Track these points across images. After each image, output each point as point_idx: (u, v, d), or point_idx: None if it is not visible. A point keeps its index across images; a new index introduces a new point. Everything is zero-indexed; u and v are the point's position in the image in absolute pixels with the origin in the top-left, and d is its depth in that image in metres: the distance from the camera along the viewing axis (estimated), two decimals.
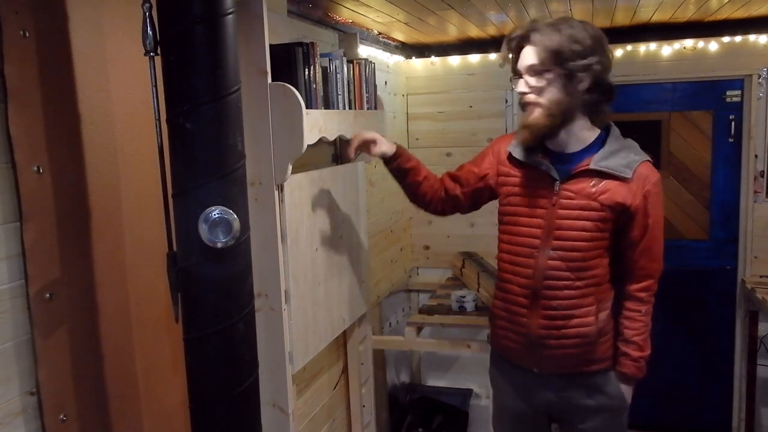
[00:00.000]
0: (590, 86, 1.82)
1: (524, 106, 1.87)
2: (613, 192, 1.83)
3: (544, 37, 1.79)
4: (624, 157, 1.85)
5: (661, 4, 2.72)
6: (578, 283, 1.87)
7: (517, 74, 1.87)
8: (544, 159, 1.92)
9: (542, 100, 1.82)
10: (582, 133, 1.89)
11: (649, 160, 1.89)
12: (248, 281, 1.45)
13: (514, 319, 1.97)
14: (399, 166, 2.09)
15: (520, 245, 1.94)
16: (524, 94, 1.85)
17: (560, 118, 1.84)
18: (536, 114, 1.83)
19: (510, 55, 1.89)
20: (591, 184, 1.85)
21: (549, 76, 1.80)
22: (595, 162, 1.85)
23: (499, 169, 2.04)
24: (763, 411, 3.58)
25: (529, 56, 1.82)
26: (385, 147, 2.08)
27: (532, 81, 1.82)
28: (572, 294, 1.88)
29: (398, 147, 2.11)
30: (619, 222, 1.86)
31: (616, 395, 1.95)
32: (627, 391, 1.96)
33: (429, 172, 2.14)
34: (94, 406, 1.54)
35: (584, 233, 1.85)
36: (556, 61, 1.79)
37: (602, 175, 1.84)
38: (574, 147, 1.89)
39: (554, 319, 1.89)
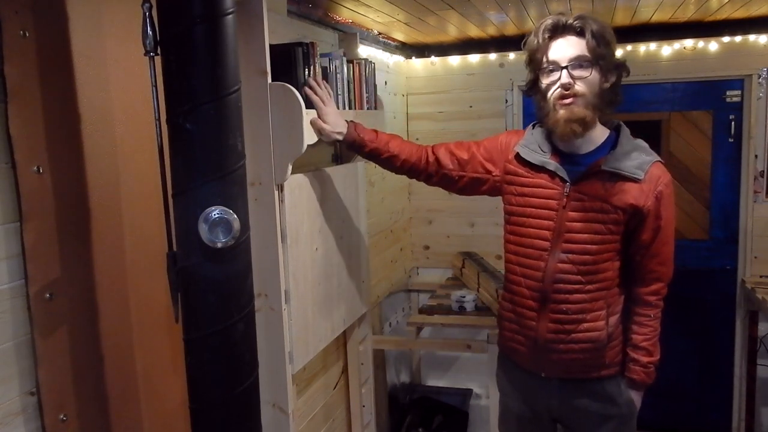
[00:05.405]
0: (611, 86, 1.80)
1: (566, 97, 1.76)
2: (626, 193, 1.79)
3: (596, 27, 1.74)
4: (635, 158, 1.81)
5: (661, 4, 2.72)
6: (589, 287, 1.83)
7: (551, 66, 1.78)
8: (553, 160, 1.86)
9: (587, 92, 1.75)
10: (594, 133, 1.84)
11: (660, 161, 1.85)
12: (248, 281, 1.45)
13: (523, 322, 1.92)
14: (355, 151, 2.09)
15: (529, 247, 1.89)
16: (570, 85, 1.75)
17: (597, 113, 1.79)
18: (581, 106, 1.76)
19: (539, 46, 1.80)
20: (603, 185, 1.80)
21: (593, 68, 1.75)
22: (606, 163, 1.80)
23: (507, 167, 1.97)
24: (763, 411, 3.58)
25: (575, 46, 1.75)
26: (333, 135, 1.99)
27: (576, 72, 1.75)
28: (583, 298, 1.83)
29: (349, 134, 2.00)
30: (631, 224, 1.82)
31: (625, 403, 1.90)
32: (636, 397, 1.92)
33: (400, 148, 2.04)
34: (94, 406, 1.54)
35: (595, 236, 1.81)
36: (603, 54, 1.75)
37: (614, 176, 1.80)
38: (586, 147, 1.84)
39: (564, 323, 1.85)
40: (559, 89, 1.76)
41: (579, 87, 1.75)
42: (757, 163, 3.38)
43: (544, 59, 1.79)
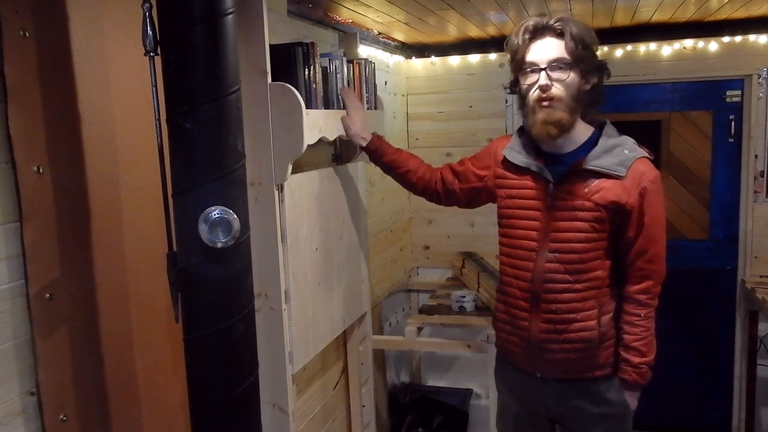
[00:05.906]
0: (591, 87, 1.83)
1: (544, 100, 1.78)
2: (607, 191, 1.80)
3: (576, 30, 1.75)
4: (617, 155, 1.82)
5: (661, 4, 2.72)
6: (578, 286, 1.84)
7: (530, 67, 1.80)
8: (537, 161, 1.90)
9: (564, 95, 1.77)
10: (576, 133, 1.86)
11: (646, 157, 1.84)
12: (248, 281, 1.45)
13: (516, 323, 1.94)
14: (375, 160, 2.22)
15: (518, 248, 1.92)
16: (547, 87, 1.76)
17: (576, 115, 1.83)
18: (561, 109, 1.78)
19: (519, 47, 1.82)
20: (584, 184, 1.82)
21: (572, 70, 1.77)
22: (587, 161, 1.82)
23: (496, 171, 2.02)
24: (763, 411, 3.58)
25: (555, 48, 1.77)
26: (358, 138, 2.19)
27: (555, 74, 1.77)
28: (572, 297, 1.84)
29: (372, 141, 2.19)
30: (616, 222, 1.83)
31: (619, 403, 1.91)
32: (631, 397, 1.92)
33: (417, 165, 2.21)
34: (94, 406, 1.54)
35: (580, 234, 1.82)
36: (582, 56, 1.77)
37: (596, 174, 1.81)
38: (568, 147, 1.87)
39: (555, 323, 1.86)
40: (538, 91, 1.79)
41: (556, 90, 1.78)
42: (757, 163, 3.38)
43: (524, 60, 1.82)
